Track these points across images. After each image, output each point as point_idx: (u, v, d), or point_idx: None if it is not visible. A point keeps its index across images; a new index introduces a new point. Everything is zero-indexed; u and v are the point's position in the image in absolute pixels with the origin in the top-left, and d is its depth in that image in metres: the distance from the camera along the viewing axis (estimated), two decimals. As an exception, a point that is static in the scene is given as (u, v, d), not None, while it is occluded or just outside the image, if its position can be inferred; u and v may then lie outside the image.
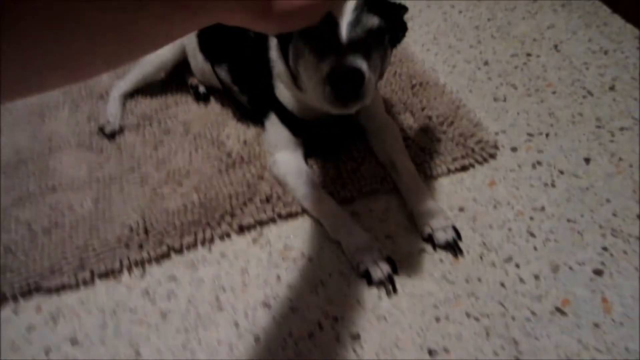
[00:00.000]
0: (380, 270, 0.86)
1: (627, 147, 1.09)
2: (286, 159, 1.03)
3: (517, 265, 0.88)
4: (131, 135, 1.25)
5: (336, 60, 0.73)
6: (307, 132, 1.05)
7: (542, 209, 0.98)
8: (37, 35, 0.31)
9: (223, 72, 1.17)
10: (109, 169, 1.16)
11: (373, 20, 0.77)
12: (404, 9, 0.87)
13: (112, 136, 1.24)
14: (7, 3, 0.28)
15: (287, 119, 1.03)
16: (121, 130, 1.26)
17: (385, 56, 0.85)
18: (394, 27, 0.84)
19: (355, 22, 0.75)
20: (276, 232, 0.97)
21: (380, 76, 0.88)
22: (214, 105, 1.30)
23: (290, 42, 0.86)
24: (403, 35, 0.90)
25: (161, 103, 1.34)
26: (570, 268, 0.87)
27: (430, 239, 0.92)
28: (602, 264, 0.88)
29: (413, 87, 1.26)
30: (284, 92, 1.00)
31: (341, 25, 0.74)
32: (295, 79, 0.91)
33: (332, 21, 0.74)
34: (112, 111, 1.28)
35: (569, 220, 0.95)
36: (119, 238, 0.98)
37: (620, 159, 1.06)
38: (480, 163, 1.07)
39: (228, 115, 1.25)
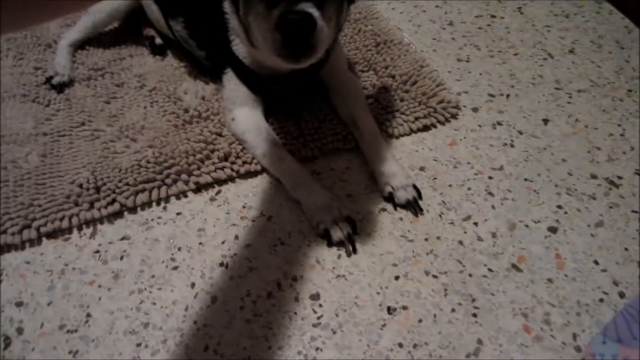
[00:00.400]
0: (340, 230, 0.82)
1: (583, 108, 1.08)
2: (245, 116, 0.97)
3: (476, 224, 0.87)
4: (81, 88, 1.15)
5: (286, 7, 0.65)
6: (266, 89, 0.98)
7: (501, 168, 0.96)
8: None
9: (179, 26, 1.07)
10: (57, 123, 1.06)
11: None
12: None
13: (60, 88, 1.14)
14: None
15: (245, 75, 0.96)
16: (70, 82, 1.15)
17: (342, 7, 0.78)
18: None
19: None
20: (234, 191, 0.92)
21: (338, 30, 0.81)
22: (171, 59, 1.21)
23: None
24: None
25: (114, 54, 1.24)
26: (527, 226, 0.87)
27: (390, 198, 0.89)
28: (557, 221, 0.87)
29: (377, 45, 1.21)
30: (240, 48, 0.93)
31: None
32: (247, 33, 0.84)
33: None
34: (60, 61, 1.17)
35: (526, 180, 0.94)
36: (68, 195, 0.91)
37: (577, 120, 1.05)
38: (442, 123, 1.05)
39: (186, 69, 1.17)
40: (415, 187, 0.90)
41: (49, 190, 0.92)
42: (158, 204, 0.91)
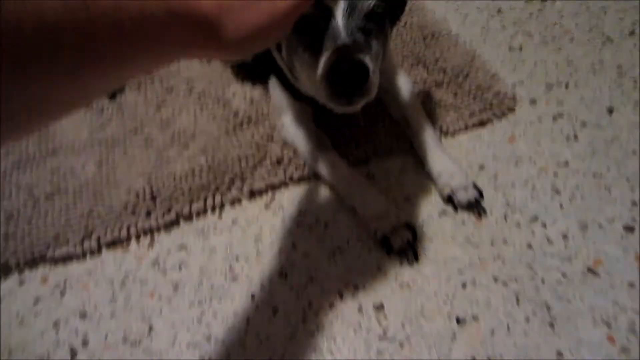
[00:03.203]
0: (400, 237, 0.74)
1: (652, 95, 0.95)
2: (293, 122, 0.89)
3: (544, 225, 0.77)
4: (132, 94, 1.10)
5: (335, 56, 0.58)
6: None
7: (566, 163, 0.86)
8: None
9: None
10: (111, 131, 1.02)
11: (370, 2, 0.62)
12: None
13: (112, 95, 1.09)
14: None
15: (289, 84, 0.87)
16: (122, 89, 1.11)
17: (386, 39, 0.70)
18: (392, 3, 0.69)
19: (351, 8, 0.60)
20: (289, 197, 0.85)
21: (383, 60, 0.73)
22: (218, 61, 1.15)
23: None
24: (402, 11, 0.75)
25: (162, 60, 1.18)
26: (600, 225, 0.76)
27: (450, 200, 0.81)
28: (633, 219, 0.77)
29: (425, 38, 1.11)
30: (283, 63, 0.86)
31: (335, 14, 0.60)
32: (291, 71, 0.76)
33: (324, 8, 0.60)
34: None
35: (594, 175, 0.83)
36: (125, 204, 0.86)
37: (646, 108, 0.93)
38: (498, 117, 0.94)
39: (232, 71, 1.10)
40: (475, 186, 0.81)
41: (107, 200, 0.88)
42: (213, 211, 0.85)
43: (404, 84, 0.94)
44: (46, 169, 0.96)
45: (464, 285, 0.71)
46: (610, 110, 0.94)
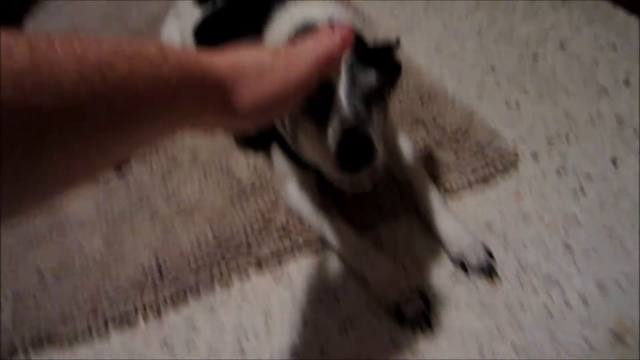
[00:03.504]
0: (412, 305, 0.72)
1: (654, 144, 0.95)
2: (297, 189, 0.89)
3: (560, 287, 0.74)
4: (138, 165, 1.11)
5: (341, 132, 0.59)
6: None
7: (575, 218, 0.84)
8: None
9: None
10: (118, 204, 1.02)
11: (370, 78, 0.64)
12: (397, 44, 0.73)
13: (118, 167, 1.11)
14: None
15: (291, 151, 0.88)
16: (127, 160, 1.12)
17: (386, 106, 0.72)
18: (390, 72, 0.71)
19: (352, 82, 0.62)
20: (297, 268, 0.83)
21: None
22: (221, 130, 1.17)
23: None
24: (398, 75, 0.77)
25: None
26: (619, 284, 0.73)
27: (461, 263, 0.78)
28: (653, 275, 0.74)
29: (422, 98, 1.13)
30: (284, 131, 0.87)
31: (338, 88, 0.61)
32: (294, 139, 0.77)
33: (326, 82, 0.61)
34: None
35: (606, 229, 0.81)
36: (133, 281, 0.85)
37: (650, 157, 0.92)
38: (501, 173, 0.94)
39: (234, 140, 1.12)
40: (485, 248, 0.79)
41: (114, 276, 0.87)
42: (221, 286, 0.83)
43: (405, 145, 0.94)
44: (54, 246, 0.96)
45: (482, 356, 0.67)
46: (614, 161, 0.93)
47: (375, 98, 0.66)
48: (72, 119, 0.30)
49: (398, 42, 0.73)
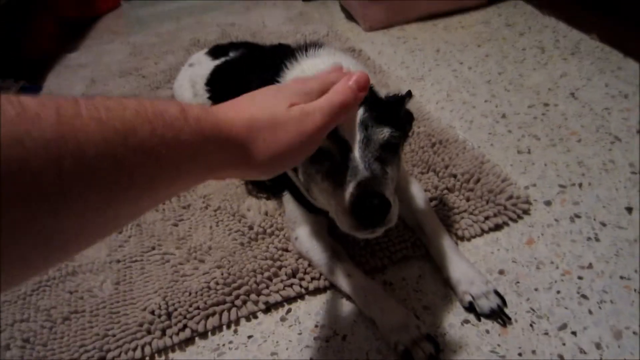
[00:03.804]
0: (422, 350, 0.75)
1: (669, 192, 0.99)
2: (307, 234, 0.95)
3: (574, 333, 0.77)
4: (151, 212, 1.19)
5: (357, 191, 0.64)
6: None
7: (590, 266, 0.87)
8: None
9: None
10: (129, 249, 1.09)
11: (384, 133, 0.70)
12: (408, 96, 0.80)
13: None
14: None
15: (302, 198, 0.94)
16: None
17: (400, 160, 0.78)
18: (402, 124, 0.78)
19: (367, 140, 0.68)
20: (305, 309, 0.88)
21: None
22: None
23: None
24: (410, 127, 0.83)
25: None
26: (634, 332, 0.76)
27: (472, 308, 0.82)
28: (670, 325, 0.76)
29: (433, 145, 1.20)
30: (297, 181, 0.94)
31: (353, 147, 0.68)
32: (308, 191, 0.84)
33: (341, 141, 0.68)
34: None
35: (622, 277, 0.84)
36: (141, 323, 0.90)
37: (665, 206, 0.96)
38: (514, 220, 0.98)
39: (246, 187, 1.19)
40: (497, 293, 0.82)
41: (123, 319, 0.92)
42: (229, 327, 0.88)
43: (416, 191, 1.00)
44: (65, 290, 1.01)
45: (494, 404, 0.69)
46: (629, 209, 0.97)
47: (390, 152, 0.72)
48: (91, 183, 0.32)
49: (409, 93, 0.81)
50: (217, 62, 1.35)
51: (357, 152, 0.67)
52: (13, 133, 0.27)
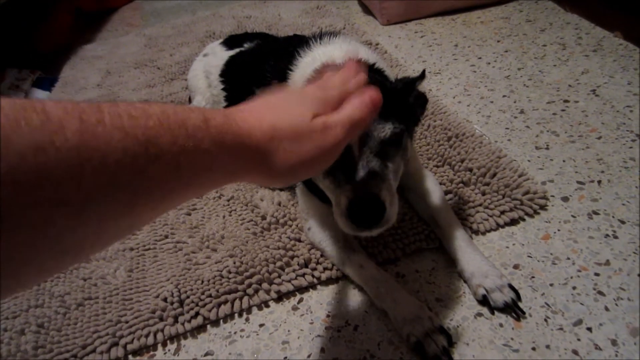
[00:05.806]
0: (434, 342, 0.75)
1: (691, 190, 0.99)
2: (320, 225, 0.96)
3: (589, 329, 0.77)
4: (165, 201, 1.21)
5: (352, 193, 0.66)
6: None
7: (607, 263, 0.87)
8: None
9: None
10: (143, 237, 1.12)
11: (385, 130, 0.71)
12: (420, 78, 0.79)
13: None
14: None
15: (316, 188, 0.96)
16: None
17: (405, 151, 0.78)
18: (412, 112, 0.78)
19: (367, 137, 0.69)
20: (317, 299, 0.89)
21: (406, 165, 0.81)
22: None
23: None
24: (423, 111, 0.84)
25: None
26: (651, 329, 0.76)
27: (486, 301, 0.82)
28: (688, 324, 0.76)
29: (449, 139, 1.21)
30: None
31: (351, 144, 0.69)
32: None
33: None
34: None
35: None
36: (153, 310, 0.92)
37: (686, 204, 0.96)
38: (530, 215, 0.99)
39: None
40: (511, 287, 0.83)
41: (135, 306, 0.94)
42: (240, 315, 0.89)
43: (431, 184, 1.01)
44: (79, 277, 1.04)
45: (506, 396, 0.70)
46: (649, 207, 0.97)
47: (392, 146, 0.73)
48: (110, 192, 0.33)
49: (422, 75, 0.80)
50: (232, 52, 1.37)
51: (355, 150, 0.69)
52: (37, 142, 0.28)
